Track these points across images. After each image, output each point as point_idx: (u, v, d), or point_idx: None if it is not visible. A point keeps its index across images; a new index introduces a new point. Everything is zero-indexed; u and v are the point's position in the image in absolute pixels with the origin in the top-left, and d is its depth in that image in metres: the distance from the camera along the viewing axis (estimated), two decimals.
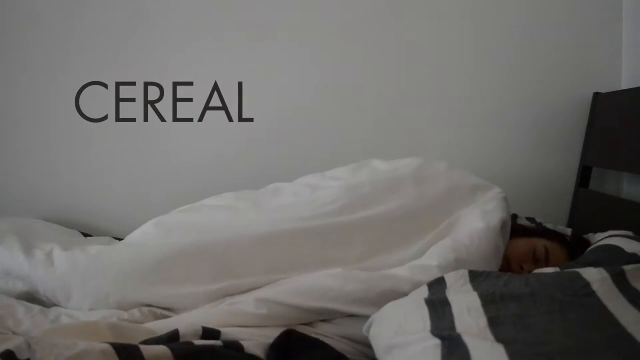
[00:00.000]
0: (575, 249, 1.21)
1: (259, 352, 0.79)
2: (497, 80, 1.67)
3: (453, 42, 1.67)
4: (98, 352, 0.66)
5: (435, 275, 0.98)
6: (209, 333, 0.82)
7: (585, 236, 1.28)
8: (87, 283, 1.07)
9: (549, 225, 1.41)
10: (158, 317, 1.04)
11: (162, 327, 0.90)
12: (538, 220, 1.47)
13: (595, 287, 0.75)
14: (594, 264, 0.90)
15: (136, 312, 1.04)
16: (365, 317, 0.90)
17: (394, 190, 1.20)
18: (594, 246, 1.11)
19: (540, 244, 1.19)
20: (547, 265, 1.15)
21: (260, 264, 1.08)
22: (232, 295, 1.06)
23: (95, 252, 1.14)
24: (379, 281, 1.00)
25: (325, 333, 0.98)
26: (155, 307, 1.06)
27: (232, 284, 1.06)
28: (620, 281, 0.77)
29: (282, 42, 1.73)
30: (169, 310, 1.07)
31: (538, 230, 1.31)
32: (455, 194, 1.21)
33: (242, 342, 0.80)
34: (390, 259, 1.10)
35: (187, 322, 0.92)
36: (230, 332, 0.86)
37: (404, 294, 0.95)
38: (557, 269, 0.95)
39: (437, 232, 1.14)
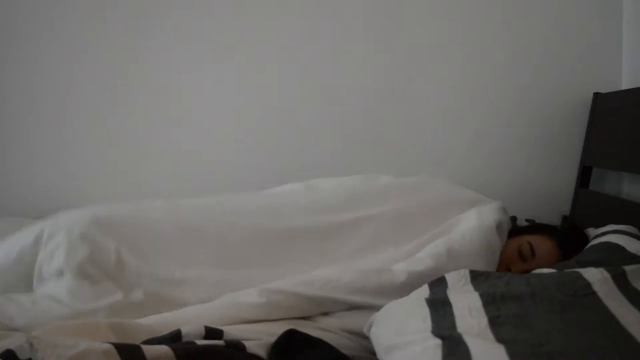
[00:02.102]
0: (567, 238, 1.20)
1: (260, 351, 0.79)
2: (496, 81, 1.67)
3: (452, 41, 1.67)
4: (99, 352, 0.66)
5: (427, 264, 1.03)
6: (212, 332, 0.83)
7: (585, 231, 1.27)
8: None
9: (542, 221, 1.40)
10: (161, 303, 1.03)
11: (163, 323, 0.90)
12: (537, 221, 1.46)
13: (595, 287, 0.76)
14: (595, 263, 0.90)
15: (140, 295, 1.02)
16: (366, 310, 0.93)
17: (391, 197, 1.25)
18: (595, 242, 1.11)
19: (523, 240, 1.19)
20: (536, 259, 1.15)
21: (257, 255, 1.11)
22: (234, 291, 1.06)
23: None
24: (376, 272, 1.04)
25: (326, 327, 0.99)
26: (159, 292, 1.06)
27: (233, 274, 1.07)
28: (621, 281, 0.77)
29: (282, 42, 1.73)
30: (170, 299, 1.05)
31: (522, 228, 1.31)
32: (453, 205, 1.24)
33: (244, 342, 0.80)
34: (383, 257, 1.13)
35: (189, 318, 0.92)
36: (232, 331, 0.86)
37: (401, 283, 0.99)
38: (556, 269, 0.95)
39: (432, 234, 1.16)
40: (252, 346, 0.79)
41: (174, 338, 0.77)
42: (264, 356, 0.79)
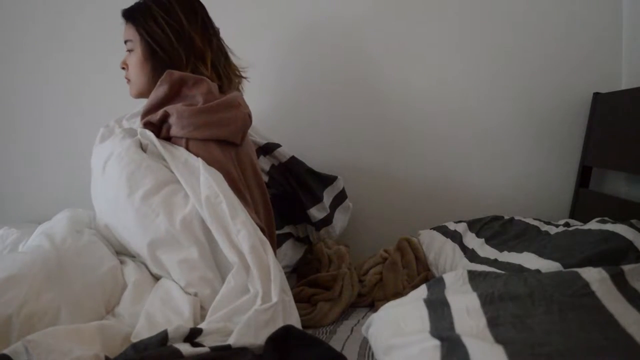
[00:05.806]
0: None
1: (245, 340, 0.81)
2: (496, 80, 1.66)
3: (451, 40, 1.67)
4: None
5: None
6: (193, 331, 0.83)
7: (581, 226, 1.23)
8: None
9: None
10: None
11: (148, 326, 0.90)
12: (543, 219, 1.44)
13: (594, 287, 0.75)
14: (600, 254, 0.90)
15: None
16: None
17: None
18: (596, 228, 1.08)
19: None
20: None
21: None
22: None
23: None
24: None
25: None
26: None
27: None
28: (619, 281, 0.77)
29: (283, 42, 1.73)
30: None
31: None
32: None
33: (228, 341, 0.81)
34: None
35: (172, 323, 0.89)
36: (210, 327, 0.86)
37: None
38: (559, 268, 0.94)
39: None
40: (237, 342, 0.80)
41: (161, 341, 0.78)
42: (247, 344, 0.81)
